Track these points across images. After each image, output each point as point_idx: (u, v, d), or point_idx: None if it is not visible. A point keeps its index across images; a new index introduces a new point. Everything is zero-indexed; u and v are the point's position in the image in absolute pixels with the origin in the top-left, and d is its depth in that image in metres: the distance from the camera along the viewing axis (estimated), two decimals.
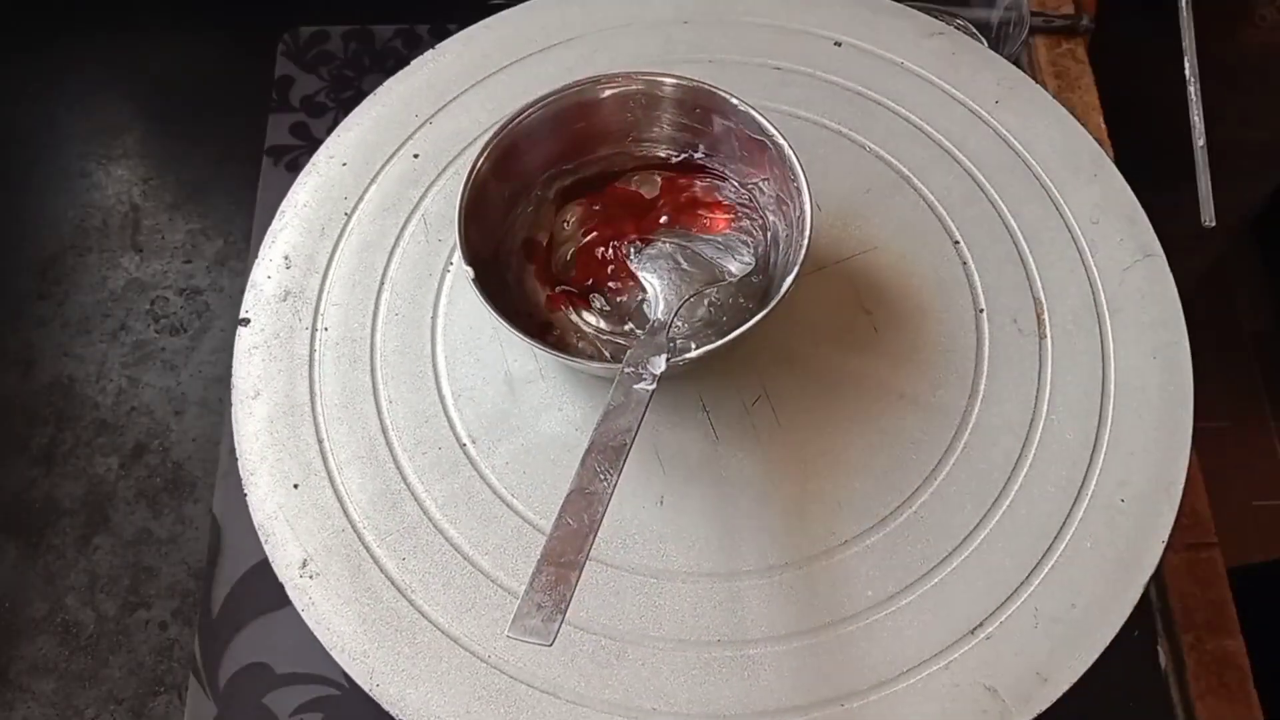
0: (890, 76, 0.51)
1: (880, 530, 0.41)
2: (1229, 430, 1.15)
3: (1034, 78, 0.55)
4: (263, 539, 0.41)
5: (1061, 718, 0.38)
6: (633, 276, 0.45)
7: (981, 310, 0.45)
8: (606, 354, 0.44)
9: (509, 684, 0.38)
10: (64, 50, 0.67)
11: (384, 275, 0.47)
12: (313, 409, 0.44)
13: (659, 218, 0.46)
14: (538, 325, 0.44)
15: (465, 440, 0.43)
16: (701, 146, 0.46)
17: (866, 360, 0.44)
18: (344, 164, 0.50)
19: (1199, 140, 0.49)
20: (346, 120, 0.51)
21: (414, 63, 0.52)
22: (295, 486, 0.42)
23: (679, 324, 0.44)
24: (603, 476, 0.34)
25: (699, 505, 0.41)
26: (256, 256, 0.48)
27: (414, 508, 0.42)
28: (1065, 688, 0.38)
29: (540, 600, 0.32)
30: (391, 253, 0.47)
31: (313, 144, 0.53)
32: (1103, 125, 0.55)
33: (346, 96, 0.59)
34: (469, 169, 0.42)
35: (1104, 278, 0.46)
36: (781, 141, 0.41)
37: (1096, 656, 0.38)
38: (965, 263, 0.46)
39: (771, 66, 0.51)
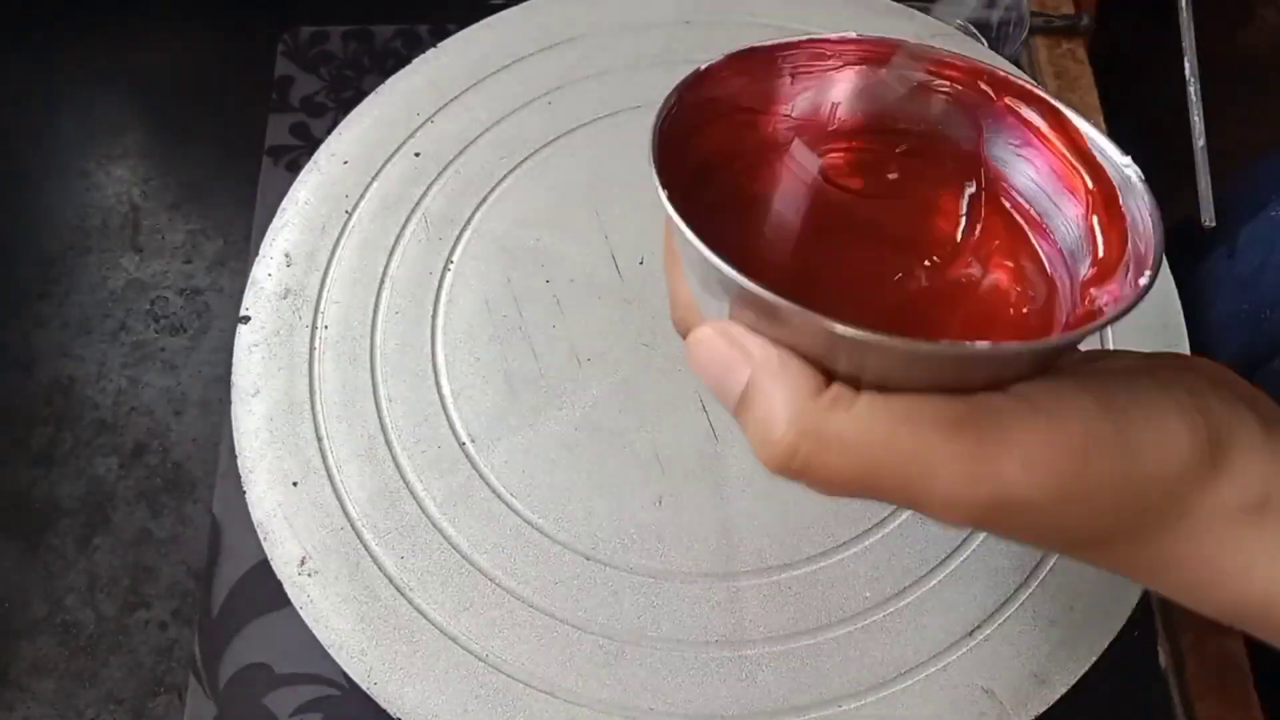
0: None
1: (879, 532, 0.41)
2: None
3: (1034, 78, 0.54)
4: (261, 537, 0.41)
5: (1060, 719, 0.38)
6: None
7: None
8: None
9: (506, 683, 0.38)
10: (64, 50, 0.67)
11: (384, 273, 0.47)
12: (312, 407, 0.44)
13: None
14: None
15: (464, 439, 0.43)
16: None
17: None
18: (345, 162, 0.50)
19: (1199, 140, 0.49)
20: (348, 118, 0.51)
21: (415, 61, 0.52)
22: (294, 484, 0.42)
23: None
24: None
25: (698, 505, 0.41)
26: (257, 255, 0.48)
27: (413, 506, 0.42)
28: (1064, 690, 0.38)
29: None
30: (392, 251, 0.47)
31: (313, 144, 0.53)
32: (1103, 125, 0.54)
33: (346, 96, 0.59)
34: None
35: None
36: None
37: (1095, 659, 0.38)
38: None
39: None
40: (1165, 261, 0.46)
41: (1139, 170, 0.25)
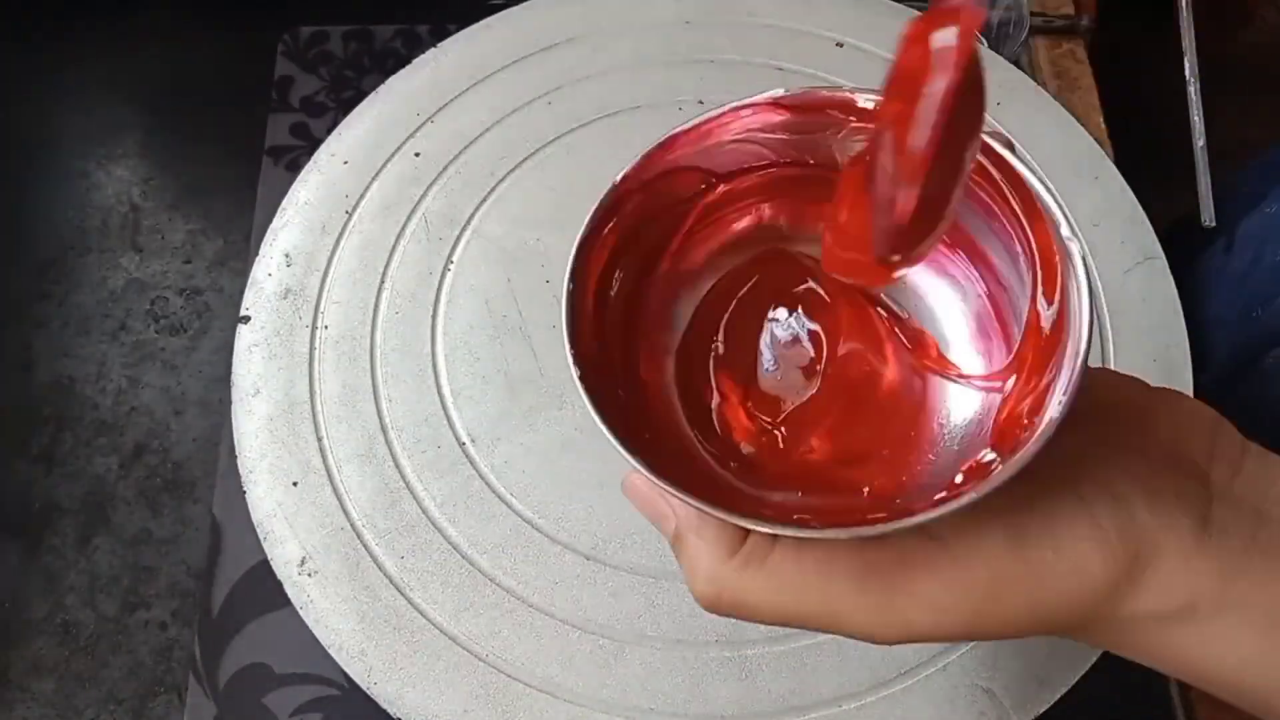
0: None
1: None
2: None
3: (1034, 78, 0.54)
4: (261, 537, 0.41)
5: (1060, 719, 0.38)
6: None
7: None
8: None
9: (507, 683, 0.38)
10: (64, 50, 0.67)
11: (384, 274, 0.47)
12: (312, 407, 0.44)
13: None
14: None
15: (464, 439, 0.43)
16: None
17: None
18: (345, 162, 0.50)
19: (1199, 140, 0.49)
20: (348, 118, 0.51)
21: (415, 61, 0.52)
22: (294, 484, 0.42)
23: None
24: None
25: None
26: (257, 255, 0.48)
27: (413, 506, 0.42)
28: (1063, 690, 0.38)
29: None
30: (392, 251, 0.47)
31: (313, 144, 0.53)
32: (1103, 125, 0.54)
33: (346, 96, 0.59)
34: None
35: (1105, 280, 0.45)
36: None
37: (1095, 659, 0.38)
38: None
39: (773, 67, 0.51)
40: (1165, 260, 0.46)
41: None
